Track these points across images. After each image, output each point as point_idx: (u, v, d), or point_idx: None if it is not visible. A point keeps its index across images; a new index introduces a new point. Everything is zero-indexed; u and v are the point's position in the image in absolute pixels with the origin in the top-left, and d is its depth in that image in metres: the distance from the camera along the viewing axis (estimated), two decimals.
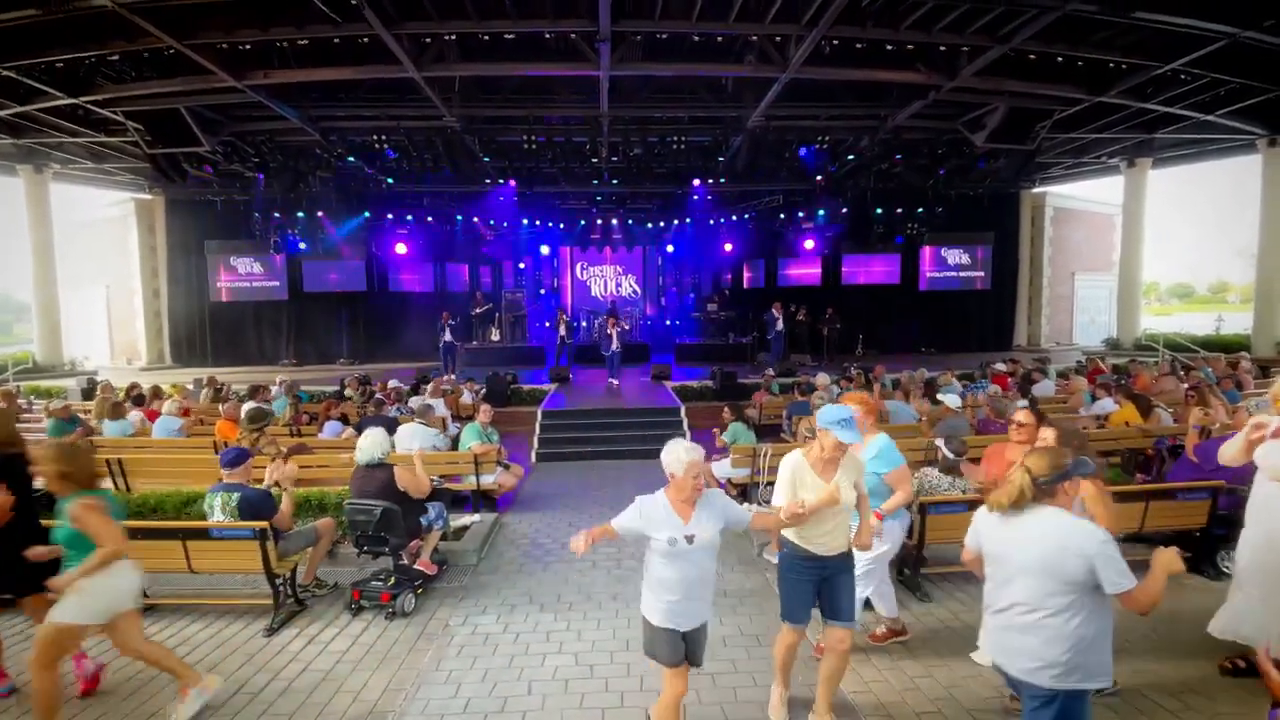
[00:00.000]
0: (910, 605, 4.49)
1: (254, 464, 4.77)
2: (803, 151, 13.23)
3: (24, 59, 8.88)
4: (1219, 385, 7.84)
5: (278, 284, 17.48)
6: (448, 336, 13.80)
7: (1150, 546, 4.94)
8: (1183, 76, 10.33)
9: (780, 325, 14.55)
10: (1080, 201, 20.96)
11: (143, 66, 9.70)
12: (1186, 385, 8.35)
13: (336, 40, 8.97)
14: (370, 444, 4.66)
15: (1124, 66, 10.08)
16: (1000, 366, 11.02)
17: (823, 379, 9.02)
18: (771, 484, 6.23)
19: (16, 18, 7.56)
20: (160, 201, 17.46)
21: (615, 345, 12.51)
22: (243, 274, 17.45)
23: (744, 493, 6.67)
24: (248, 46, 9.08)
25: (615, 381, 12.40)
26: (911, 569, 4.74)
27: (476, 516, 6.25)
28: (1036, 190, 19.41)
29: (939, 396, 7.48)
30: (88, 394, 11.22)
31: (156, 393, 9.80)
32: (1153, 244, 17.75)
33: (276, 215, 15.34)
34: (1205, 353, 13.82)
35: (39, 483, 3.42)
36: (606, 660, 3.86)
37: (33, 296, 15.78)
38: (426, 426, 6.86)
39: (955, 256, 18.54)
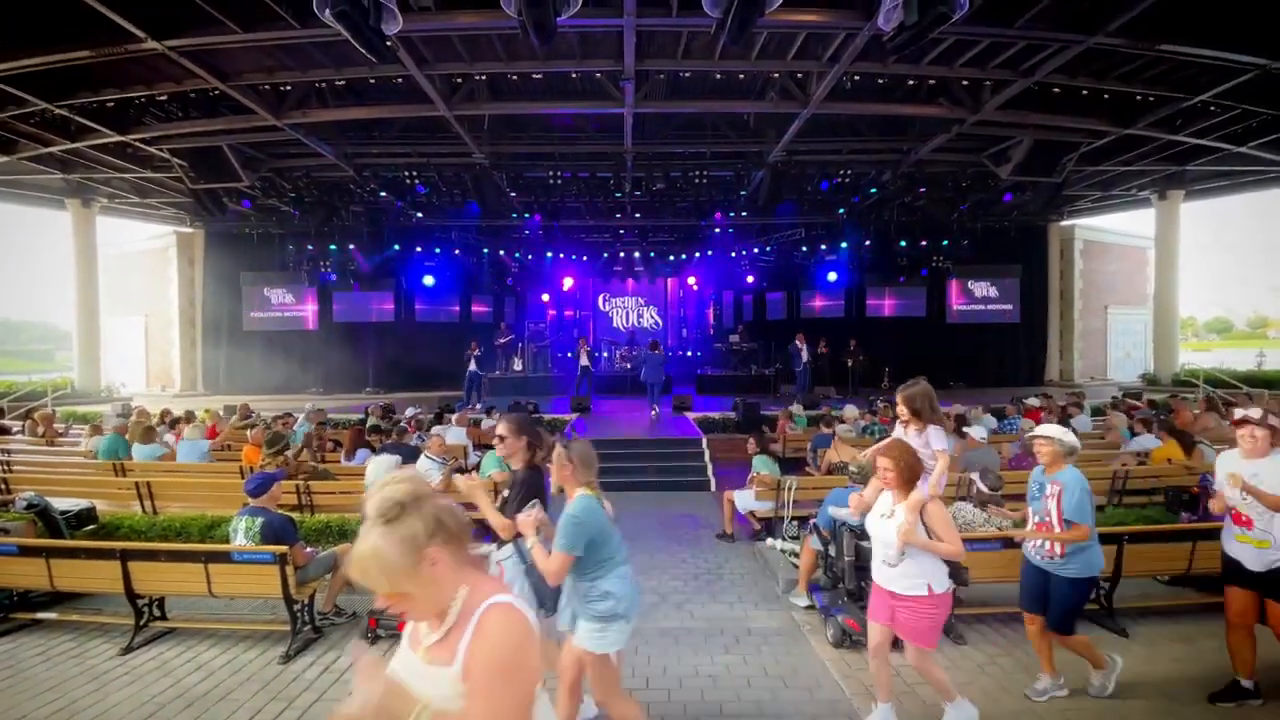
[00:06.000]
0: (944, 648, 4.28)
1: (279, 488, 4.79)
2: (825, 185, 13.27)
3: (76, 98, 9.34)
4: None
5: (308, 314, 18.01)
6: (473, 366, 13.93)
7: (1199, 591, 4.70)
8: (1213, 108, 10.19)
9: (805, 357, 14.41)
10: (1111, 234, 20.64)
11: (188, 106, 10.18)
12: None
13: (372, 80, 9.36)
14: (385, 470, 4.66)
15: (1152, 99, 9.98)
16: (1033, 401, 10.73)
17: (850, 411, 8.89)
18: (796, 519, 6.13)
19: (70, 59, 7.94)
20: (200, 234, 18.15)
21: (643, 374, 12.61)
22: (275, 304, 18.02)
23: (768, 527, 6.51)
24: (288, 87, 9.48)
25: (655, 409, 12.19)
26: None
27: (494, 546, 6.14)
28: (1065, 223, 19.15)
29: (964, 430, 7.29)
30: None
31: (189, 418, 9.99)
32: (1185, 278, 17.36)
33: (309, 248, 15.88)
34: (1248, 389, 13.32)
35: None
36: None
37: (75, 325, 16.36)
38: (425, 454, 6.75)
39: (982, 289, 18.33)
